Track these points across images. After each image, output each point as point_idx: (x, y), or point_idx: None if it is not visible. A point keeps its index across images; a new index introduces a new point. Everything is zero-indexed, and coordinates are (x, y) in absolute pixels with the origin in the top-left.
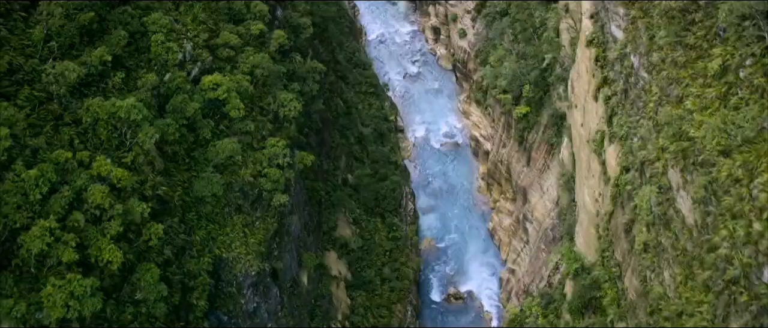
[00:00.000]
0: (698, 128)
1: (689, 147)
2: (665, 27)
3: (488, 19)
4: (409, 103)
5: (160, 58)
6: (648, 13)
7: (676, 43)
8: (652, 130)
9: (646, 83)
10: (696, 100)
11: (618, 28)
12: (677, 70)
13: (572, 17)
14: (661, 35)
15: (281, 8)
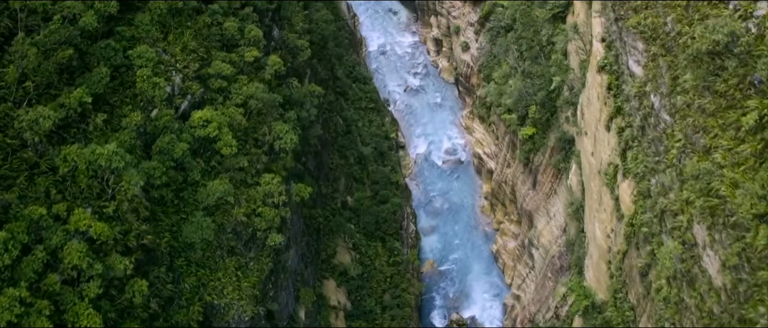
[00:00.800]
0: (730, 187)
1: (719, 205)
2: (691, 70)
3: (492, 33)
4: (411, 118)
5: (147, 94)
6: (671, 51)
7: (703, 88)
8: (674, 179)
9: (667, 126)
10: (727, 154)
11: (636, 63)
12: (705, 118)
13: (582, 39)
14: (686, 78)
15: (278, 28)
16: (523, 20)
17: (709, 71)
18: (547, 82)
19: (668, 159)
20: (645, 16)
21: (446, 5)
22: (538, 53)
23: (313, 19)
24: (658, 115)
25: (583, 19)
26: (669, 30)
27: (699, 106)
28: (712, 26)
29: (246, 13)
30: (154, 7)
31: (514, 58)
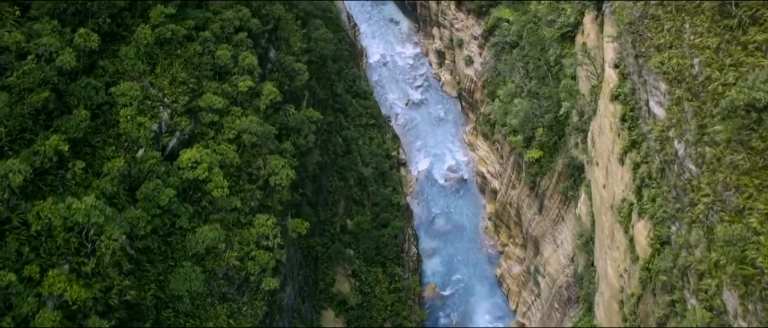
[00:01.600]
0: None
1: (755, 275)
2: (723, 122)
3: (496, 48)
4: (412, 133)
5: (131, 135)
6: (698, 96)
7: (737, 142)
8: (701, 238)
9: (693, 177)
10: (764, 220)
11: (658, 104)
12: (737, 175)
13: (593, 63)
14: (717, 130)
15: (275, 49)
16: (530, 39)
17: (744, 125)
18: (555, 105)
19: (694, 213)
20: (669, 56)
21: (449, 17)
22: (546, 73)
23: (312, 38)
24: (683, 163)
25: (594, 40)
26: (696, 73)
27: (731, 161)
28: (752, 81)
29: (240, 38)
30: (141, 38)
31: (520, 76)
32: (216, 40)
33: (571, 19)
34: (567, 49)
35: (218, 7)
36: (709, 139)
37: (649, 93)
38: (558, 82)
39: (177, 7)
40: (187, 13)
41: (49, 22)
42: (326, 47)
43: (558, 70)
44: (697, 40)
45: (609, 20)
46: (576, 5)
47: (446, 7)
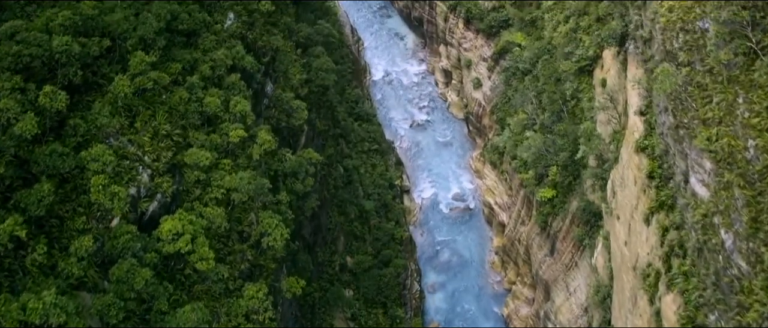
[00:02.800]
0: None
1: None
2: None
3: (507, 73)
4: (417, 158)
5: (104, 206)
6: (753, 185)
7: None
8: None
9: (743, 277)
10: None
11: (701, 183)
12: None
13: (615, 107)
14: None
15: (272, 83)
16: (545, 71)
17: None
18: (570, 143)
19: (743, 318)
20: (718, 133)
21: (457, 36)
22: (561, 107)
23: (313, 68)
24: (730, 257)
25: (615, 77)
26: (751, 158)
27: None
28: None
29: (231, 81)
30: (117, 89)
31: (533, 107)
32: (205, 85)
33: (590, 53)
34: (584, 84)
35: (209, 45)
36: (765, 238)
37: (691, 169)
38: (574, 117)
39: (161, 51)
40: (173, 54)
41: (10, 78)
42: (327, 78)
43: (574, 105)
44: (753, 120)
45: (633, 59)
46: (595, 37)
47: (454, 26)
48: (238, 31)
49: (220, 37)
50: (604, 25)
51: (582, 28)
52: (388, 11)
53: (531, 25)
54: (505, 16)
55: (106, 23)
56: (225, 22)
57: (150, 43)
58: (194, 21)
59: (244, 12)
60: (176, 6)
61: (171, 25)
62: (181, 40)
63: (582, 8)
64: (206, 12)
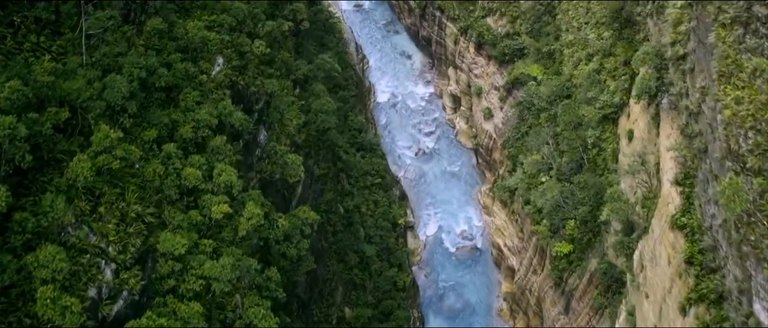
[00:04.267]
0: None
1: None
2: None
3: (521, 107)
4: (422, 190)
5: (54, 322)
6: None
7: None
8: None
9: None
10: None
11: (766, 311)
12: None
13: (646, 170)
14: None
15: (265, 129)
16: (566, 117)
17: None
18: (591, 197)
19: None
20: None
21: (467, 60)
22: (581, 155)
23: (312, 109)
24: None
25: (643, 130)
26: None
27: None
28: None
29: (216, 145)
30: (75, 172)
31: (550, 150)
32: (185, 151)
33: (616, 99)
34: (608, 132)
35: (191, 102)
36: None
37: (756, 293)
38: (595, 167)
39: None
40: (149, 115)
41: None
42: (328, 120)
43: (596, 154)
44: None
45: (667, 117)
46: (622, 82)
47: (465, 49)
48: (227, 79)
49: (205, 87)
50: (631, 69)
51: (607, 70)
52: (395, 27)
53: (548, 58)
54: (520, 45)
55: (64, 91)
56: (212, 70)
57: (119, 110)
58: (175, 74)
59: (235, 55)
60: (153, 60)
61: (147, 82)
62: (159, 97)
63: (607, 48)
64: (190, 60)
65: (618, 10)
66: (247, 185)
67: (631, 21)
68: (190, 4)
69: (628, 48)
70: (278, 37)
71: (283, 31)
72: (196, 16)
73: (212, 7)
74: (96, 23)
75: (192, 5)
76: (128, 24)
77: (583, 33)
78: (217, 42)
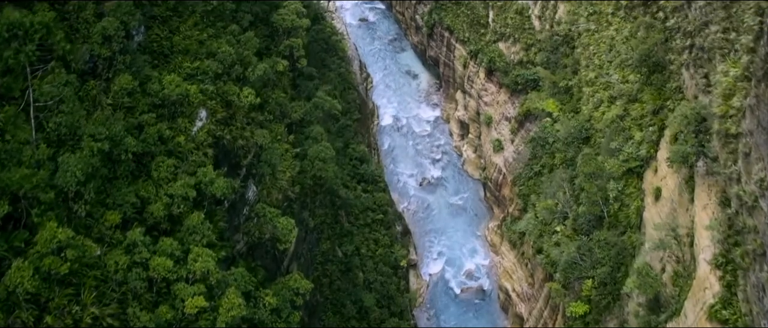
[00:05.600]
0: None
1: None
2: None
3: (534, 144)
4: (426, 223)
5: None
6: None
7: None
8: None
9: None
10: None
11: None
12: None
13: (678, 244)
14: None
15: (255, 184)
16: (586, 169)
17: None
18: (612, 258)
19: None
20: None
21: (477, 86)
22: (602, 209)
23: (308, 156)
24: None
25: (674, 191)
26: None
27: None
28: None
29: (192, 224)
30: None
31: (566, 199)
32: (155, 236)
33: (642, 152)
34: (632, 187)
35: (165, 172)
36: None
37: None
38: (616, 223)
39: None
40: (113, 194)
41: None
42: (325, 169)
43: (618, 209)
44: None
45: (703, 183)
46: (649, 133)
47: (474, 74)
48: (209, 136)
49: (184, 149)
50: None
51: (632, 118)
52: (401, 44)
53: (565, 93)
54: (534, 76)
55: (3, 182)
56: (193, 127)
57: (73, 195)
58: (146, 140)
59: (221, 106)
60: (120, 126)
61: (112, 154)
62: (127, 168)
63: (633, 92)
64: (167, 118)
65: (648, 54)
66: (231, 252)
67: (660, 65)
68: (169, 50)
69: (657, 96)
70: (272, 79)
71: (278, 71)
72: (176, 65)
73: (195, 52)
74: (48, 91)
75: (172, 51)
76: (95, 78)
77: (605, 71)
78: (198, 95)
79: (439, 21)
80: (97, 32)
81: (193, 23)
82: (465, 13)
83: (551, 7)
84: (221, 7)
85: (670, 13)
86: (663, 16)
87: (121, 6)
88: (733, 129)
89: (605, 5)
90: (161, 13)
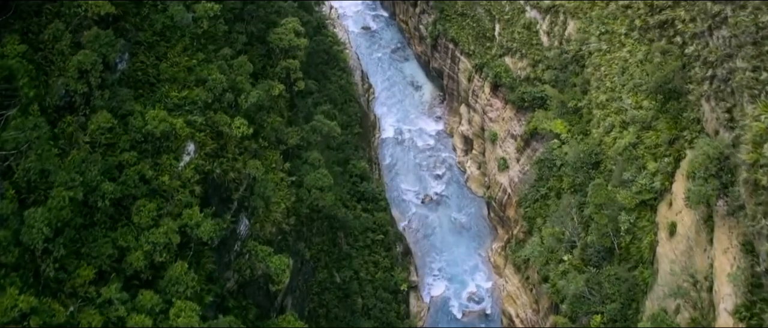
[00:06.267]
0: None
1: None
2: None
3: (541, 166)
4: (427, 242)
5: None
6: None
7: None
8: None
9: None
10: None
11: None
12: None
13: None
14: None
15: (247, 218)
16: (596, 200)
17: None
18: (622, 294)
19: None
20: None
21: (481, 101)
22: (612, 242)
23: (304, 184)
24: None
25: (690, 229)
26: None
27: None
28: None
29: (175, 275)
30: None
31: (574, 228)
32: (134, 290)
33: (656, 184)
34: (645, 220)
35: (147, 217)
36: None
37: None
38: (628, 256)
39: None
40: (89, 244)
41: None
42: (323, 198)
43: (629, 242)
44: None
45: (724, 224)
46: (665, 164)
47: (479, 89)
48: (197, 172)
49: (170, 188)
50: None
51: (646, 146)
52: (404, 53)
53: (573, 113)
54: (542, 93)
55: None
56: (179, 163)
57: (41, 253)
58: (126, 182)
59: (210, 138)
60: (95, 171)
61: (88, 199)
62: (104, 215)
63: (647, 120)
64: (151, 156)
65: (665, 81)
66: (221, 291)
67: (677, 92)
68: (156, 78)
69: (673, 125)
70: (266, 104)
71: (273, 96)
72: (163, 94)
73: (183, 80)
74: (13, 138)
75: (159, 79)
76: (72, 113)
77: (617, 94)
78: (185, 129)
79: (444, 32)
80: (73, 66)
81: (182, 48)
82: (470, 25)
83: (560, 23)
84: (213, 29)
85: (689, 39)
86: (681, 42)
87: (100, 37)
88: (764, 180)
89: (618, 25)
90: (147, 39)
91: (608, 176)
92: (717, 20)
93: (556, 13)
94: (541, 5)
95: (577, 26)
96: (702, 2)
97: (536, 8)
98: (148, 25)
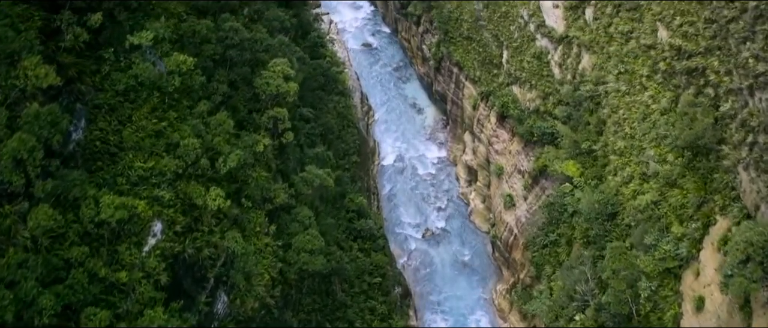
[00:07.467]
0: None
1: None
2: None
3: (551, 209)
4: (428, 283)
5: None
6: None
7: None
8: None
9: None
10: None
11: None
12: None
13: None
14: None
15: (226, 293)
16: (614, 265)
17: None
18: None
19: None
20: None
21: (487, 131)
22: (631, 309)
23: (293, 247)
24: None
25: (720, 305)
26: None
27: None
28: None
29: None
30: None
31: (586, 280)
32: None
33: (682, 251)
34: (668, 289)
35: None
36: None
37: None
38: (647, 323)
39: None
40: None
41: None
42: (313, 262)
43: (650, 311)
44: None
45: (763, 312)
46: (693, 230)
47: (485, 118)
48: (163, 260)
49: (129, 283)
50: (705, 214)
51: (670, 206)
52: (406, 72)
53: (587, 155)
54: (552, 129)
55: None
56: (143, 248)
57: None
58: (74, 286)
59: (181, 213)
60: (31, 284)
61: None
62: None
63: (673, 175)
64: (107, 244)
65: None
66: None
67: (707, 148)
68: (117, 147)
69: (702, 185)
70: (249, 160)
71: (256, 152)
72: (126, 166)
73: (150, 147)
74: None
75: (121, 148)
76: (11, 202)
77: (637, 143)
78: (148, 211)
79: (448, 55)
80: (7, 155)
81: (150, 109)
82: (476, 50)
83: (574, 56)
84: (189, 81)
85: (724, 94)
86: (713, 94)
87: (41, 116)
88: None
89: (639, 65)
90: (108, 101)
91: (625, 231)
92: (761, 81)
93: (569, 45)
94: (552, 34)
95: (592, 61)
96: (741, 56)
97: (547, 37)
98: (109, 85)
